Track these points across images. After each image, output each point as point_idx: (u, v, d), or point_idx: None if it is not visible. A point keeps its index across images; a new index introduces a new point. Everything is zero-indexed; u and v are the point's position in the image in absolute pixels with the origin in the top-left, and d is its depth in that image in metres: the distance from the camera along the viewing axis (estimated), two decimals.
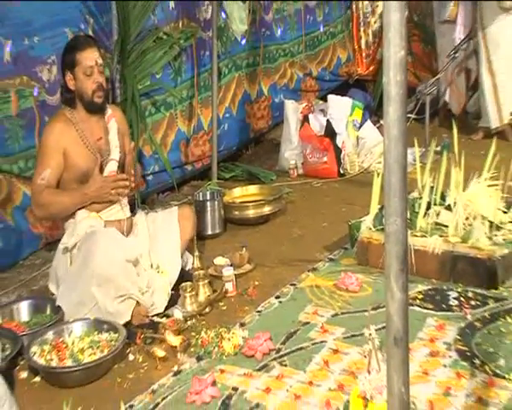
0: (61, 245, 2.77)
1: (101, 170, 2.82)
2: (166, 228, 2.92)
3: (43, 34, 3.34)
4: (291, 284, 2.97)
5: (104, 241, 2.60)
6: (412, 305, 2.63)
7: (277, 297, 2.87)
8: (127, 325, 2.62)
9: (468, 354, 2.34)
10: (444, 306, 2.69)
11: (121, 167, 2.87)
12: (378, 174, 3.03)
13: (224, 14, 4.46)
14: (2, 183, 3.22)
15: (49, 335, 2.49)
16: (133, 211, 3.00)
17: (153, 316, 2.71)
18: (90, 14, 3.62)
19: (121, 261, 2.61)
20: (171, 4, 4.12)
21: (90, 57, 2.76)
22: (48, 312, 2.73)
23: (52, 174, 2.73)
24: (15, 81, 3.24)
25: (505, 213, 3.07)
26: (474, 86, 5.02)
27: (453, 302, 2.71)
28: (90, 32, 3.62)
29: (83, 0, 3.55)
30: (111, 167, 2.83)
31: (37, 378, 2.39)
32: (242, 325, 2.65)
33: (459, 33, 4.85)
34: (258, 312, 2.76)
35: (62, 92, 2.86)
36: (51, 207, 2.75)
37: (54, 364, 2.37)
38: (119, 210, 2.88)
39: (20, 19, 3.23)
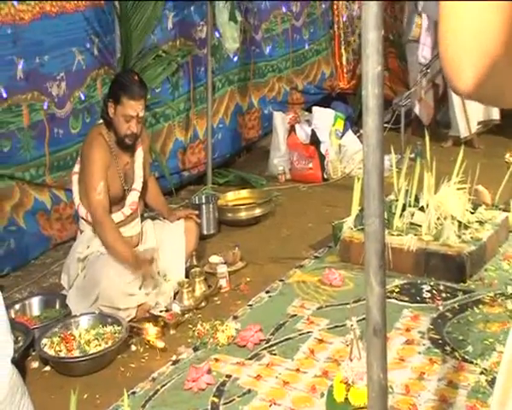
0: (76, 253, 2.69)
1: (124, 197, 2.74)
2: (173, 240, 2.88)
3: (52, 53, 3.31)
4: (280, 280, 2.96)
5: (107, 270, 2.56)
6: (390, 298, 2.63)
7: (267, 292, 2.86)
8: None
9: (440, 341, 2.34)
10: (418, 298, 2.69)
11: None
12: (358, 179, 3.02)
13: (217, 34, 4.44)
14: (15, 189, 3.18)
15: (58, 328, 2.47)
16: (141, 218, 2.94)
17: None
18: (95, 34, 3.60)
19: (123, 287, 2.59)
20: (170, 25, 4.11)
21: (134, 108, 2.60)
22: (57, 307, 2.71)
23: (105, 187, 2.60)
24: (27, 96, 3.21)
25: (472, 213, 3.08)
26: (441, 99, 5.03)
27: (426, 295, 2.71)
28: (95, 51, 3.59)
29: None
30: (133, 198, 2.76)
31: (47, 368, 2.37)
32: (235, 317, 2.64)
33: (421, 51, 4.85)
34: (250, 305, 2.75)
35: (102, 111, 2.73)
36: (102, 232, 2.60)
37: (62, 354, 2.35)
38: (133, 227, 2.80)
39: (31, 39, 3.20)
